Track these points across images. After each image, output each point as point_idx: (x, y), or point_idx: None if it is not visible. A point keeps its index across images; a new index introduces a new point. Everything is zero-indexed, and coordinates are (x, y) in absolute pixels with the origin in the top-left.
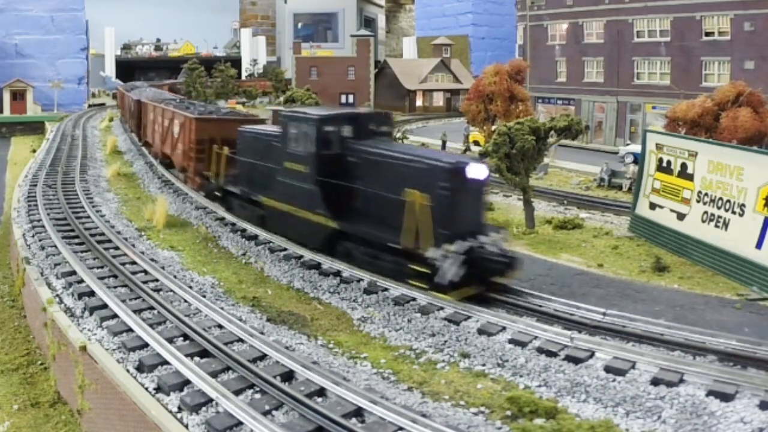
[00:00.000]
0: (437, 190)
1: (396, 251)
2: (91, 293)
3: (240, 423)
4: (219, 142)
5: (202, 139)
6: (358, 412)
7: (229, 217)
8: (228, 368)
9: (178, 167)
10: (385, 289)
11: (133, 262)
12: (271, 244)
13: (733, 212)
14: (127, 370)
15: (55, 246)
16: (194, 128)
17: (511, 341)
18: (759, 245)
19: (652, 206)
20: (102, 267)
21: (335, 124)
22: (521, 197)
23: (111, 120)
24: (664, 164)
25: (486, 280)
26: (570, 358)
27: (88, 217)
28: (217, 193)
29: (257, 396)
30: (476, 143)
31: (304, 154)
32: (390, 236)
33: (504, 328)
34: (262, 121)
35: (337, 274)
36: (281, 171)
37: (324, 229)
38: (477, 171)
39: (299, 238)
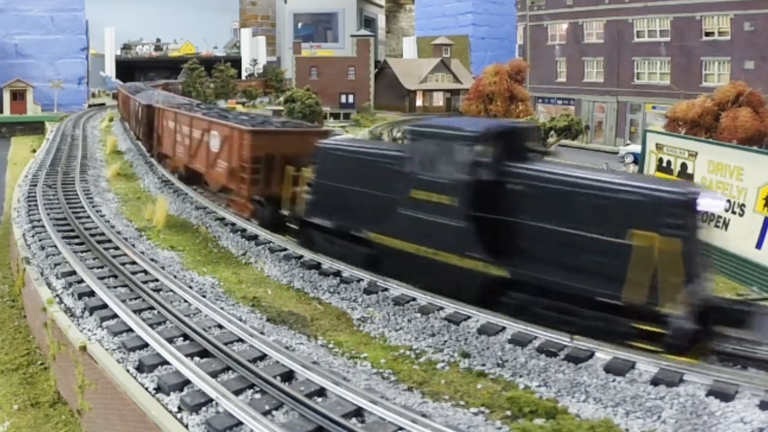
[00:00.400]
0: (672, 229)
1: (606, 306)
2: (91, 293)
3: (240, 423)
4: (279, 159)
5: (257, 156)
6: (358, 412)
7: (230, 217)
8: (228, 368)
9: (217, 187)
10: (385, 289)
11: (133, 262)
12: (271, 244)
13: (733, 212)
14: (127, 370)
15: (55, 246)
16: (248, 143)
17: (511, 341)
18: (759, 245)
19: None
20: (102, 267)
21: (491, 142)
22: None
23: (111, 120)
24: (664, 164)
25: (714, 332)
26: (570, 358)
27: (88, 217)
28: (292, 225)
29: (257, 396)
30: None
31: (448, 181)
32: (601, 288)
33: (504, 328)
34: (326, 133)
35: (337, 274)
36: (404, 201)
37: (482, 277)
38: (712, 202)
39: (438, 286)
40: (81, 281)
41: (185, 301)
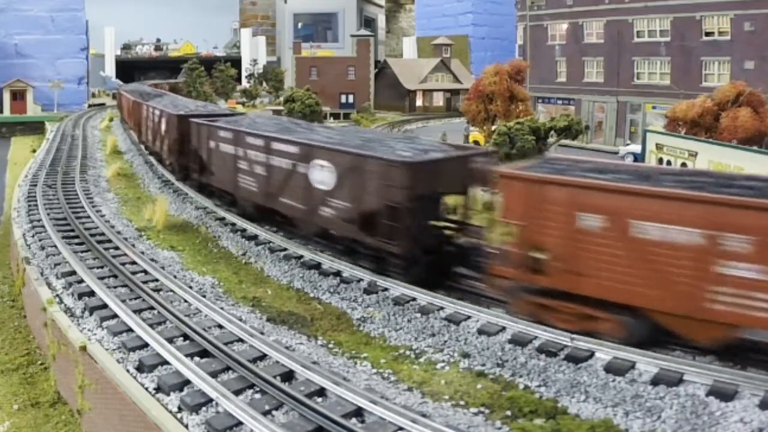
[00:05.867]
0: None
1: None
2: (91, 293)
3: (240, 423)
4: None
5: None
6: (358, 412)
7: (230, 217)
8: (228, 368)
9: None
10: (385, 289)
11: (133, 262)
12: (271, 244)
13: None
14: (127, 370)
15: (55, 246)
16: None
17: (511, 341)
18: None
19: None
20: (102, 267)
21: None
22: None
23: (111, 120)
24: (665, 164)
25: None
26: (570, 358)
27: (88, 217)
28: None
29: (257, 396)
30: (476, 143)
31: None
32: None
33: (504, 328)
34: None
35: (337, 274)
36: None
37: None
38: None
39: None
40: (81, 281)
41: (185, 301)
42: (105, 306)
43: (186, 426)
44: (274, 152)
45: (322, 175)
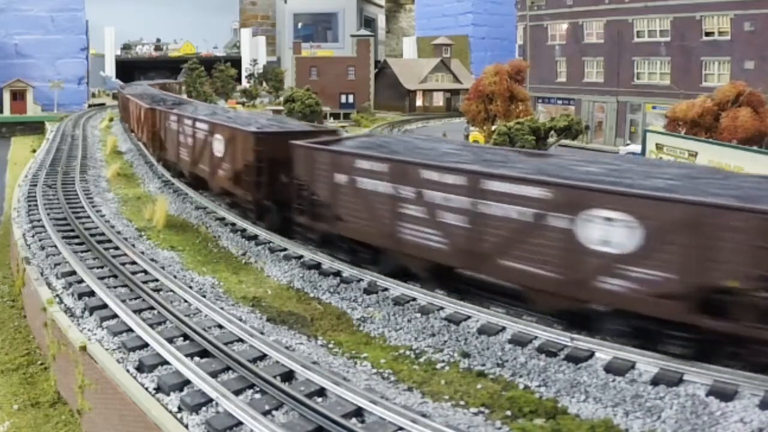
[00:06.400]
0: None
1: None
2: (91, 293)
3: (240, 423)
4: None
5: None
6: (358, 412)
7: (230, 217)
8: (228, 368)
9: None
10: (385, 289)
11: (133, 262)
12: (271, 244)
13: None
14: (127, 370)
15: (55, 246)
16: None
17: (511, 341)
18: None
19: None
20: (102, 267)
21: None
22: None
23: (111, 120)
24: None
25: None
26: (570, 358)
27: (88, 217)
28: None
29: (257, 396)
30: (476, 143)
31: None
32: None
33: (504, 328)
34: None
35: (337, 274)
36: None
37: None
38: None
39: None
40: (81, 281)
41: (185, 301)
42: (105, 306)
43: (186, 426)
44: (491, 195)
45: (608, 232)
